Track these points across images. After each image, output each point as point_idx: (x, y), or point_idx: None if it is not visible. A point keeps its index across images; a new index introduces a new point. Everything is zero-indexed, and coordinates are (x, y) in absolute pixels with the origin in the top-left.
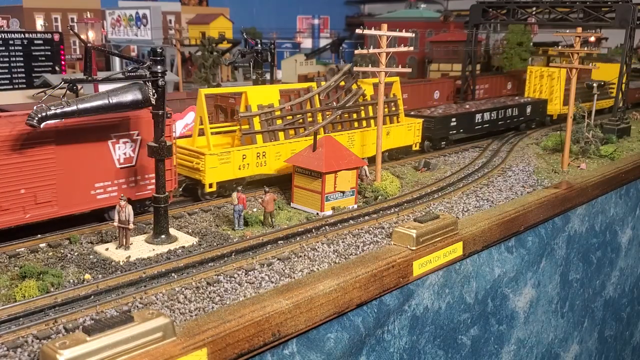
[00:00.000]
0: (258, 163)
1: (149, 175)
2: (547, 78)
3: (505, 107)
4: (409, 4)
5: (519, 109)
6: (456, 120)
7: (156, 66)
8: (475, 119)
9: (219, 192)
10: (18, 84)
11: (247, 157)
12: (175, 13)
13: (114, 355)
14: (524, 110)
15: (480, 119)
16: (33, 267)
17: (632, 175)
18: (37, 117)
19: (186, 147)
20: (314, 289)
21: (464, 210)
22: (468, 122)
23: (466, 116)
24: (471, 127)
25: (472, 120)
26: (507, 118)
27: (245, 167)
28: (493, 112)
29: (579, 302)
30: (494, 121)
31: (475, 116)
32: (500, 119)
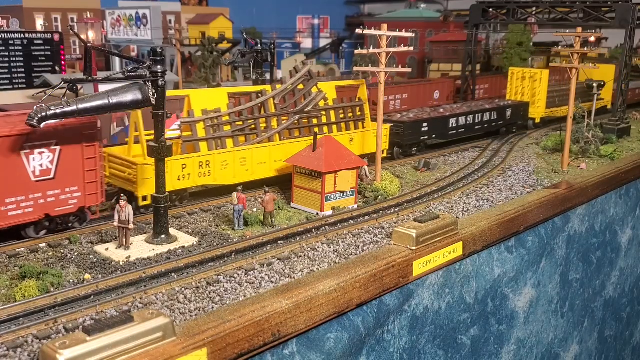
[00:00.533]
0: (201, 173)
1: (71, 189)
2: (529, 80)
3: (483, 111)
4: (409, 4)
5: (497, 112)
6: (428, 125)
7: (156, 66)
8: (449, 123)
9: None
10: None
11: (188, 167)
12: (175, 13)
13: (114, 355)
14: (504, 114)
15: (455, 124)
16: (33, 267)
17: (632, 175)
18: (37, 117)
19: (118, 156)
20: (314, 289)
21: (464, 210)
22: (441, 127)
23: (439, 121)
24: (445, 133)
25: (445, 125)
26: (485, 122)
27: (185, 177)
28: (469, 116)
29: (579, 302)
30: (470, 126)
31: (450, 121)
32: (478, 124)
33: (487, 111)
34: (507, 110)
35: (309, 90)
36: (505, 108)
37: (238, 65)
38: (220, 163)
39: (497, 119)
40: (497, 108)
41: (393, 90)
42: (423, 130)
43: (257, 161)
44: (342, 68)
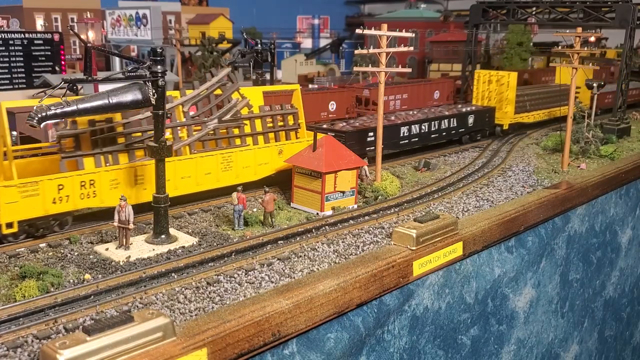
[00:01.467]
0: (84, 194)
1: None
2: (496, 83)
3: (441, 118)
4: (409, 4)
5: (458, 119)
6: (375, 135)
7: (156, 66)
8: (400, 132)
9: (28, 232)
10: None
11: (67, 188)
12: (175, 13)
13: (114, 355)
14: (465, 121)
15: (407, 133)
16: (33, 267)
17: (632, 175)
18: (37, 117)
19: None
20: (314, 289)
21: (464, 210)
22: (391, 137)
23: (389, 130)
24: (396, 143)
25: (396, 134)
26: (443, 130)
27: (63, 200)
28: (424, 124)
29: (579, 302)
30: (425, 135)
31: (401, 129)
32: (435, 132)
33: (445, 118)
34: (469, 117)
35: (228, 96)
36: (467, 114)
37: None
38: (109, 182)
39: (457, 127)
40: (457, 115)
41: (393, 90)
42: (369, 141)
43: None
44: (342, 68)
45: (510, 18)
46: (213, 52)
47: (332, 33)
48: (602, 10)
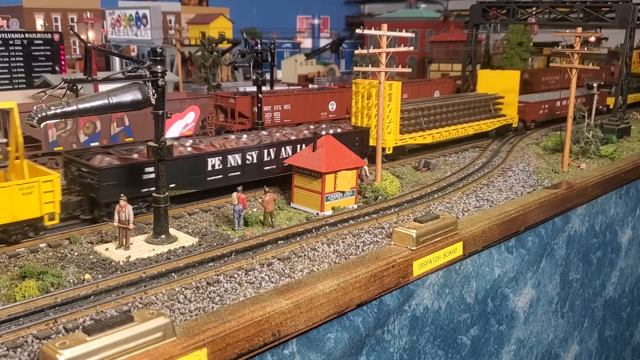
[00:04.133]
0: None
1: None
2: (376, 97)
3: (282, 145)
4: (409, 4)
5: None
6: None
7: (156, 66)
8: (207, 165)
9: None
10: (18, 84)
11: None
12: (175, 13)
13: (114, 355)
14: None
15: (221, 165)
16: (33, 267)
17: (632, 175)
18: (37, 117)
19: None
20: (314, 289)
21: (464, 210)
22: (192, 171)
23: (187, 162)
24: (200, 178)
25: (200, 167)
26: (282, 160)
27: None
28: (251, 152)
29: (579, 302)
30: (254, 166)
31: (208, 161)
32: (271, 162)
33: (288, 145)
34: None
35: None
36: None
37: (238, 65)
38: None
39: None
40: (307, 140)
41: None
42: (146, 179)
43: None
44: (342, 68)
45: (510, 18)
46: (213, 52)
47: (332, 33)
48: (602, 10)
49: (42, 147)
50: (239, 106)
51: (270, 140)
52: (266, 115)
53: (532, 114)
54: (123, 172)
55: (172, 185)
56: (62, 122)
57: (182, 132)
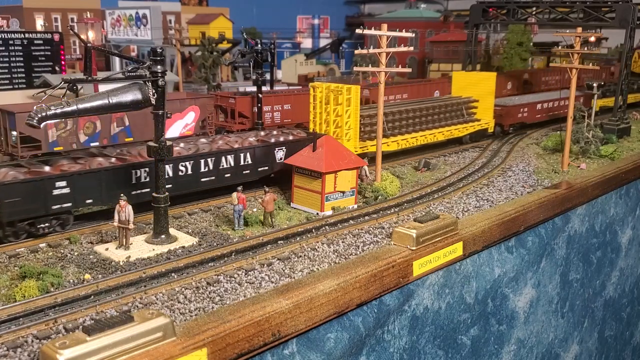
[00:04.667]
0: None
1: None
2: (334, 102)
3: (219, 154)
4: (409, 4)
5: (255, 154)
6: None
7: (156, 66)
8: (131, 178)
9: None
10: (18, 84)
11: None
12: (175, 13)
13: (114, 355)
14: (270, 157)
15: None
16: (33, 267)
17: (632, 175)
18: (37, 117)
19: None
20: (314, 289)
21: (464, 210)
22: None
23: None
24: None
25: (123, 179)
26: (224, 171)
27: None
28: (183, 163)
29: (579, 302)
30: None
31: (132, 174)
32: (207, 173)
33: (229, 154)
34: (278, 150)
35: None
36: (273, 147)
37: (238, 65)
38: None
39: (254, 165)
40: (251, 149)
41: (393, 90)
42: (57, 194)
43: None
44: (342, 68)
45: (510, 18)
46: (213, 52)
47: (332, 33)
48: (602, 10)
49: (42, 147)
50: (239, 106)
51: (209, 149)
52: (266, 115)
53: (511, 117)
54: (29, 187)
55: (89, 201)
56: (62, 122)
57: (182, 132)
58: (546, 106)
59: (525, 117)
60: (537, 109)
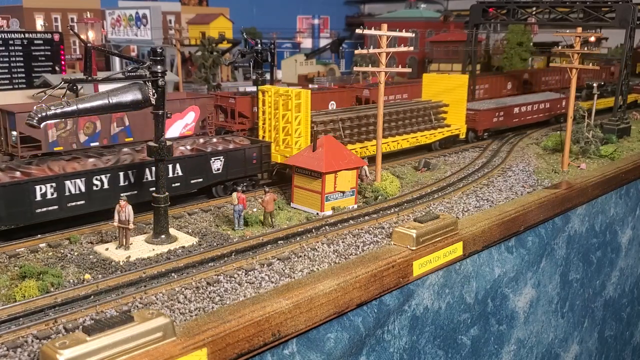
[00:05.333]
0: None
1: None
2: (283, 107)
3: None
4: (409, 4)
5: (186, 165)
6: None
7: (156, 66)
8: (34, 194)
9: None
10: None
11: None
12: (175, 13)
13: (114, 355)
14: (203, 168)
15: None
16: (33, 267)
17: (632, 175)
18: (37, 117)
19: None
20: (314, 289)
21: (464, 210)
22: (13, 203)
23: (12, 190)
24: (26, 211)
25: (26, 196)
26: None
27: None
28: (98, 177)
29: (579, 302)
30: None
31: (35, 190)
32: (129, 187)
33: (150, 165)
34: (214, 161)
35: None
36: (207, 157)
37: (238, 65)
38: None
39: (187, 177)
40: (180, 159)
41: (393, 90)
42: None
43: None
44: (342, 68)
45: (510, 18)
46: (213, 52)
47: (332, 33)
48: (602, 10)
49: (42, 147)
50: (239, 106)
51: (132, 159)
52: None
53: (485, 122)
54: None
55: None
56: (62, 122)
57: (182, 132)
58: (525, 110)
59: (501, 122)
60: (515, 112)
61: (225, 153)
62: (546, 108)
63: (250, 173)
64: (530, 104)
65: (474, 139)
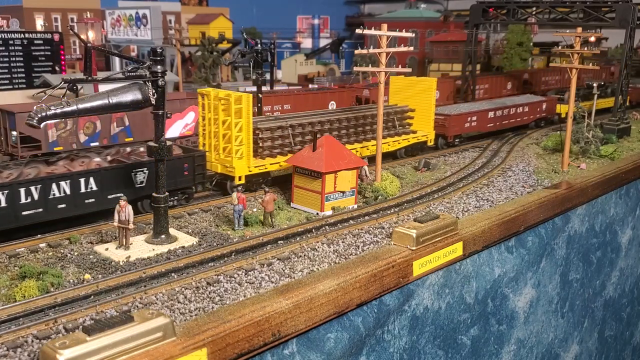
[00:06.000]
0: None
1: None
2: (223, 113)
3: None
4: (409, 4)
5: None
6: None
7: (156, 66)
8: None
9: None
10: (18, 84)
11: None
12: (175, 13)
13: (114, 355)
14: (125, 181)
15: None
16: (33, 267)
17: (632, 175)
18: (37, 117)
19: None
20: (314, 289)
21: (464, 210)
22: None
23: None
24: None
25: None
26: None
27: None
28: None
29: (579, 302)
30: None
31: None
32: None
33: (58, 180)
34: (137, 174)
35: None
36: (127, 169)
37: (238, 65)
38: None
39: (101, 192)
40: (91, 173)
41: None
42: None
43: None
44: (342, 68)
45: (510, 18)
46: (213, 52)
47: (332, 33)
48: (602, 10)
49: (42, 147)
50: None
51: (36, 173)
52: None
53: (455, 128)
54: None
55: None
56: (62, 122)
57: (182, 132)
58: (501, 114)
59: (474, 127)
60: (490, 117)
61: (150, 164)
62: (525, 112)
63: (181, 186)
64: (508, 108)
65: (444, 145)
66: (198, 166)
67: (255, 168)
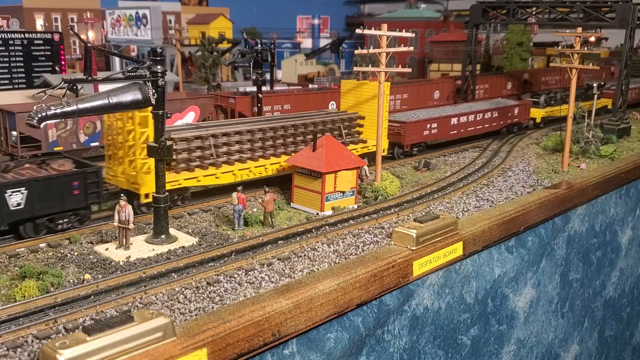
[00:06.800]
0: None
1: None
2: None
3: None
4: (409, 4)
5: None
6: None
7: (156, 66)
8: None
9: None
10: (18, 84)
11: None
12: (175, 13)
13: (114, 355)
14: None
15: None
16: (33, 267)
17: (632, 175)
18: (37, 117)
19: None
20: (314, 289)
21: (464, 210)
22: None
23: None
24: None
25: None
26: None
27: None
28: None
29: (579, 302)
30: None
31: None
32: None
33: None
34: (13, 194)
35: None
36: (2, 189)
37: (238, 65)
38: None
39: None
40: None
41: (393, 90)
42: None
43: None
44: (342, 68)
45: (510, 18)
46: (213, 52)
47: (332, 33)
48: (602, 10)
49: (42, 147)
50: (239, 106)
51: None
52: (266, 115)
53: (412, 136)
54: None
55: None
56: (62, 122)
57: None
58: (466, 120)
59: (435, 135)
60: (452, 124)
61: (29, 182)
62: (494, 117)
63: (71, 207)
64: (474, 113)
65: (401, 155)
66: (91, 184)
67: (169, 184)
